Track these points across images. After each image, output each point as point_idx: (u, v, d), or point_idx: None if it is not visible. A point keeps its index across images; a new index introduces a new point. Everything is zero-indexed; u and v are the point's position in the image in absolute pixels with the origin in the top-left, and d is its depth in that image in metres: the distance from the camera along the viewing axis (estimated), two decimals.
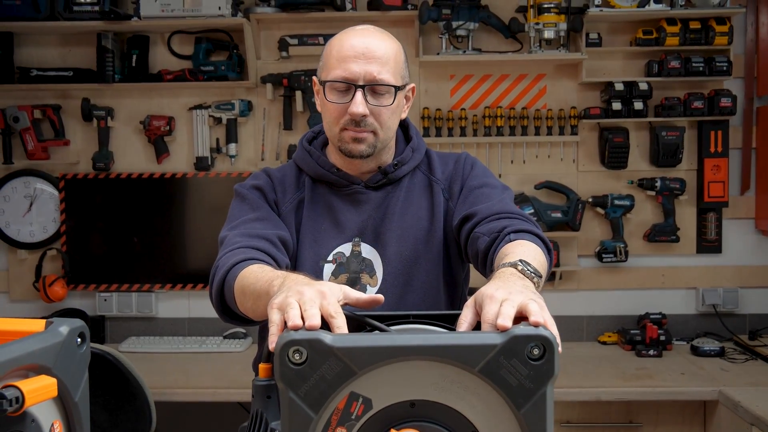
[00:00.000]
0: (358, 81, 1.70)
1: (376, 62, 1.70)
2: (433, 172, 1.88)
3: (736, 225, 3.77)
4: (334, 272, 1.79)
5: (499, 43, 3.72)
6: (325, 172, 1.83)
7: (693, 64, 3.56)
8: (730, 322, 3.72)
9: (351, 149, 1.75)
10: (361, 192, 1.83)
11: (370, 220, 1.81)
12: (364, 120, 1.71)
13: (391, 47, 1.75)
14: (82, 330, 1.05)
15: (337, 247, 1.80)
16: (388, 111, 1.73)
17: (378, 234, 1.80)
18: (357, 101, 1.69)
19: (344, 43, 1.73)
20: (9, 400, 0.90)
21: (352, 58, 1.69)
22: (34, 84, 3.68)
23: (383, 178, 1.83)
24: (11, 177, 3.77)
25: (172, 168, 3.78)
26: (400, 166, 1.84)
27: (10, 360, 0.94)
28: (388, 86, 1.71)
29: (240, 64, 3.70)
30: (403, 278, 1.79)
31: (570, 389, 3.05)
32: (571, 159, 3.74)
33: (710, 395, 3.02)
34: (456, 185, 1.85)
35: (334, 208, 1.82)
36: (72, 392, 1.03)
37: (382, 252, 1.79)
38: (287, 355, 0.96)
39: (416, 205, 1.83)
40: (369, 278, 1.79)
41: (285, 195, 1.85)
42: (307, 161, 1.86)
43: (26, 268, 3.81)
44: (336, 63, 1.72)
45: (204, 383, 3.14)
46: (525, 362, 0.97)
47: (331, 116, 1.75)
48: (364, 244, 1.80)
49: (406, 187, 1.85)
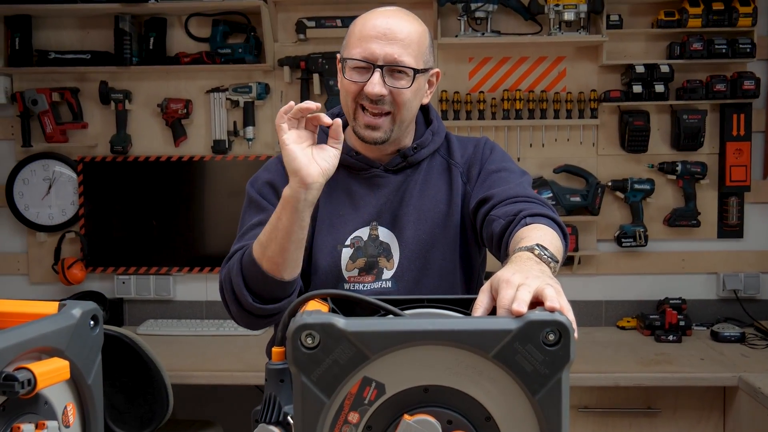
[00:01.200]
0: (377, 61, 1.69)
1: (398, 44, 1.69)
2: (452, 155, 1.87)
3: (758, 209, 3.73)
4: (352, 257, 1.79)
5: (518, 25, 3.68)
6: (344, 156, 1.79)
7: (716, 46, 3.50)
8: (751, 307, 3.68)
9: (366, 135, 1.75)
10: (380, 175, 1.82)
11: (387, 203, 1.81)
12: (381, 99, 1.70)
13: (415, 30, 1.73)
14: (95, 312, 1.05)
15: (355, 231, 1.80)
16: (407, 93, 1.72)
17: (395, 217, 1.80)
18: (374, 81, 1.68)
19: (367, 22, 1.72)
20: (21, 382, 0.90)
21: (374, 38, 1.69)
22: (52, 67, 3.69)
23: (402, 161, 1.83)
24: (30, 160, 3.78)
25: (190, 151, 3.78)
26: (420, 149, 1.84)
27: (22, 342, 0.94)
28: (408, 68, 1.70)
29: (257, 47, 3.69)
30: (419, 262, 1.78)
31: (588, 374, 3.03)
32: (590, 142, 3.71)
33: (730, 381, 3.00)
34: (474, 169, 1.84)
35: (352, 192, 1.82)
36: (85, 375, 1.03)
37: (399, 235, 1.79)
38: (300, 338, 0.95)
39: (434, 189, 1.83)
40: (386, 262, 1.79)
41: None
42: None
43: (45, 251, 3.83)
44: (357, 42, 1.71)
45: (221, 366, 3.15)
46: (540, 348, 0.95)
47: (348, 92, 1.74)
48: (381, 227, 1.80)
49: (425, 171, 1.85)
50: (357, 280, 1.78)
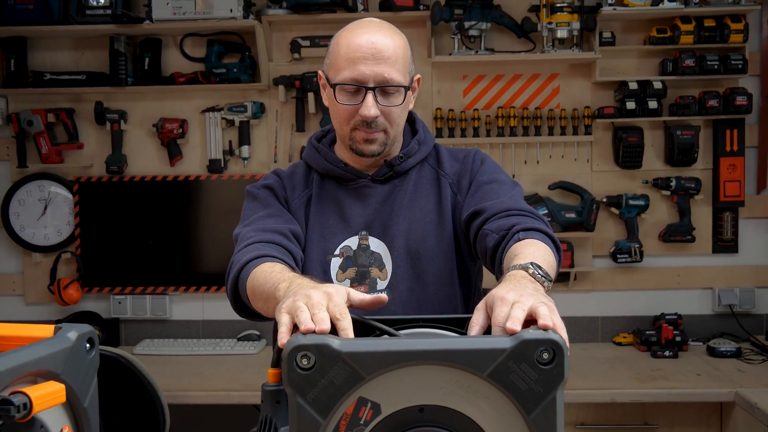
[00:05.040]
0: (369, 83, 1.70)
1: (386, 62, 1.69)
2: (441, 166, 1.88)
3: (752, 224, 3.74)
4: (342, 266, 1.80)
5: (511, 42, 3.70)
6: (333, 167, 1.84)
7: (708, 63, 3.53)
8: (747, 322, 3.68)
9: (363, 149, 1.77)
10: (367, 186, 1.84)
11: (376, 213, 1.82)
12: (375, 121, 1.72)
13: (399, 44, 1.74)
14: (90, 335, 1.05)
15: (344, 241, 1.81)
16: (397, 110, 1.74)
17: (386, 227, 1.81)
18: (368, 104, 1.70)
19: (351, 41, 1.71)
20: (17, 406, 0.90)
21: (361, 59, 1.69)
22: (48, 88, 3.70)
23: (389, 171, 1.84)
24: (26, 180, 3.78)
25: (185, 170, 3.79)
26: (406, 158, 1.85)
27: (18, 366, 0.94)
28: (399, 86, 1.71)
29: (252, 66, 3.70)
30: (412, 271, 1.79)
31: (584, 391, 3.03)
32: (585, 159, 3.72)
33: (726, 396, 2.99)
34: (465, 180, 1.84)
35: (340, 202, 1.83)
36: (81, 397, 1.03)
37: (390, 245, 1.80)
38: (295, 360, 0.95)
39: (424, 199, 1.84)
40: (378, 272, 1.79)
41: (294, 192, 1.87)
42: (315, 158, 1.88)
43: (41, 272, 3.83)
44: (345, 64, 1.71)
45: (218, 386, 3.14)
46: (534, 366, 0.96)
47: (341, 117, 1.76)
48: (372, 237, 1.81)
49: (414, 181, 1.86)
50: None
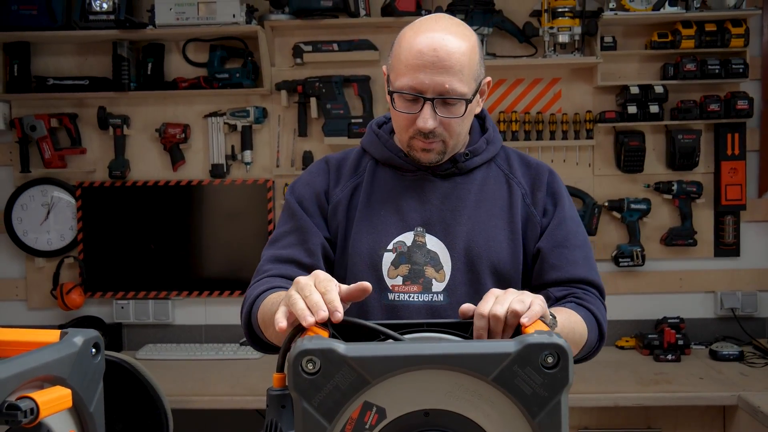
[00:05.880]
0: (427, 93, 1.59)
1: (447, 72, 1.58)
2: (512, 170, 1.78)
3: (754, 228, 3.74)
4: (394, 262, 1.69)
5: (513, 47, 3.71)
6: (392, 155, 1.75)
7: (709, 67, 3.53)
8: (749, 325, 3.68)
9: (420, 157, 1.68)
10: (428, 179, 1.73)
11: (437, 210, 1.71)
12: (433, 131, 1.62)
13: (465, 49, 1.61)
14: (96, 340, 1.05)
15: (398, 236, 1.70)
16: (458, 120, 1.64)
17: (447, 226, 1.70)
18: (426, 116, 1.60)
19: (413, 46, 1.59)
20: (24, 411, 0.90)
21: (421, 67, 1.57)
22: (51, 93, 3.71)
23: (452, 166, 1.73)
24: (28, 185, 3.79)
25: (188, 175, 3.80)
26: (472, 156, 1.75)
27: (24, 371, 0.94)
28: (460, 98, 1.61)
29: (254, 72, 3.71)
30: (472, 276, 1.68)
31: (588, 395, 3.03)
32: (586, 163, 3.73)
33: (729, 400, 3.00)
34: (539, 193, 1.76)
35: (395, 193, 1.73)
36: (87, 403, 1.03)
37: (450, 246, 1.69)
38: (300, 364, 0.96)
39: (490, 201, 1.74)
40: (435, 272, 1.68)
41: (339, 181, 1.77)
42: (374, 143, 1.79)
43: (44, 277, 3.83)
44: (404, 70, 1.60)
45: (221, 390, 3.15)
46: (539, 370, 0.96)
47: (400, 124, 1.68)
48: (429, 235, 1.69)
49: (480, 181, 1.75)
50: (402, 290, 1.67)
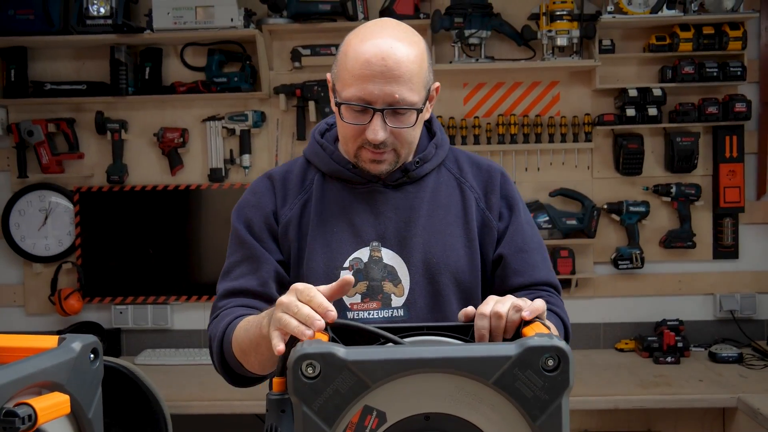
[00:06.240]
0: (376, 104, 1.53)
1: (397, 81, 1.51)
2: (463, 173, 1.74)
3: (752, 230, 3.74)
4: None
5: (511, 50, 3.71)
6: (340, 168, 1.67)
7: (707, 70, 3.53)
8: (748, 327, 3.68)
9: (369, 168, 1.62)
10: (379, 191, 1.67)
11: (391, 222, 1.65)
12: (384, 143, 1.56)
13: (413, 57, 1.54)
14: (94, 346, 1.05)
15: (354, 252, 1.63)
16: (408, 130, 1.58)
17: (402, 238, 1.64)
18: (375, 127, 1.54)
19: (360, 55, 1.52)
20: (22, 418, 0.90)
21: (370, 78, 1.51)
22: (48, 98, 3.70)
23: (403, 176, 1.67)
24: (26, 191, 3.78)
25: (186, 180, 3.79)
26: (422, 163, 1.69)
27: (22, 377, 0.94)
28: (410, 108, 1.55)
29: (253, 75, 3.70)
30: (432, 288, 1.64)
31: (588, 397, 3.02)
32: (585, 166, 3.72)
33: (729, 402, 2.99)
34: (493, 196, 1.71)
35: (348, 208, 1.66)
36: (85, 408, 1.03)
37: (407, 258, 1.64)
38: (300, 368, 0.95)
39: (444, 209, 1.69)
40: (393, 287, 1.63)
41: (286, 199, 1.69)
42: (319, 155, 1.71)
43: (42, 282, 3.83)
44: (352, 80, 1.53)
45: (220, 395, 3.14)
46: (540, 373, 0.96)
47: (347, 135, 1.61)
48: (385, 249, 1.64)
49: (432, 188, 1.70)
50: (361, 308, 1.62)
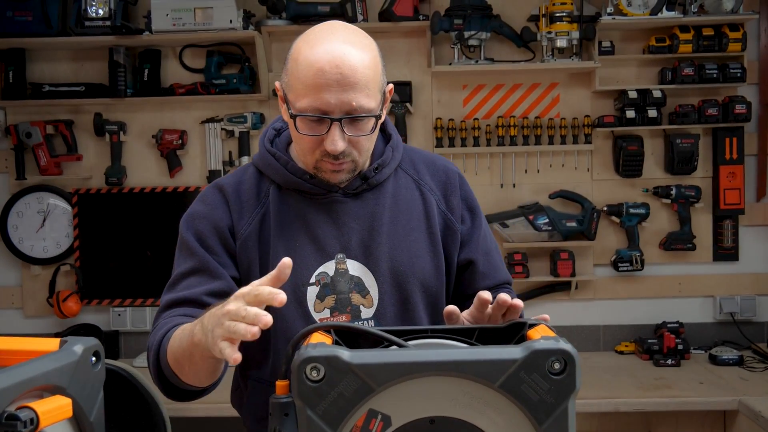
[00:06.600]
0: (333, 113, 1.47)
1: (353, 88, 1.46)
2: (419, 173, 1.71)
3: (752, 232, 3.74)
4: (319, 295, 1.59)
5: (511, 52, 3.71)
6: (298, 181, 1.60)
7: (707, 71, 3.53)
8: (748, 330, 3.68)
9: (329, 178, 1.57)
10: (339, 201, 1.61)
11: (354, 233, 1.61)
12: (343, 152, 1.51)
13: (368, 63, 1.49)
14: (96, 349, 1.04)
15: (319, 267, 1.59)
16: (367, 137, 1.54)
17: (367, 248, 1.61)
18: (334, 138, 1.48)
19: (312, 63, 1.46)
20: (24, 421, 0.89)
21: (324, 87, 1.45)
22: (47, 99, 3.69)
23: (363, 183, 1.63)
24: (24, 193, 3.77)
25: (185, 182, 3.78)
26: (381, 169, 1.64)
27: (24, 381, 0.93)
28: (368, 116, 1.50)
29: (252, 77, 3.70)
30: (400, 296, 1.62)
31: (588, 400, 3.01)
32: (585, 168, 3.72)
33: (730, 405, 2.99)
34: (454, 199, 1.70)
35: (308, 221, 1.60)
36: (87, 412, 1.02)
37: (373, 268, 1.60)
38: (304, 372, 0.95)
39: (406, 213, 1.66)
40: (361, 298, 1.59)
41: (242, 214, 1.62)
42: (272, 167, 1.64)
43: (40, 284, 3.81)
44: (305, 90, 1.47)
45: (220, 398, 3.09)
46: (546, 377, 0.95)
47: (304, 147, 1.54)
48: (350, 260, 1.60)
49: (392, 192, 1.66)
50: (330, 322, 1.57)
